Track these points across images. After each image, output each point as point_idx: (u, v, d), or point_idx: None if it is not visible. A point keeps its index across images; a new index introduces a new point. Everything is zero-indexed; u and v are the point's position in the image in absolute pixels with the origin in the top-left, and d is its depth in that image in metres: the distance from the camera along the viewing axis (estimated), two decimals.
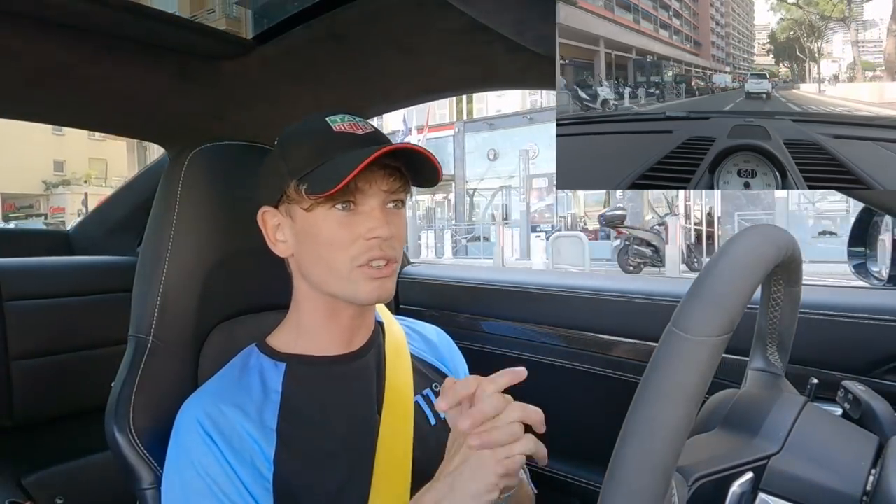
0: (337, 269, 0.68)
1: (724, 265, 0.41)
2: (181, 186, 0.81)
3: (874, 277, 1.03)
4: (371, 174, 0.67)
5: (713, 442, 0.51)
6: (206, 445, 0.65)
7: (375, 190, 0.68)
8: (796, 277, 0.54)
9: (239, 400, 0.68)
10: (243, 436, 0.66)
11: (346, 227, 0.68)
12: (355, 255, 0.68)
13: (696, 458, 0.47)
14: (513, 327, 1.24)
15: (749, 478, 0.46)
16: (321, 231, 0.68)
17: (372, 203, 0.68)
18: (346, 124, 0.70)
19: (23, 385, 1.38)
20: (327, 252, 0.68)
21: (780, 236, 0.46)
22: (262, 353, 0.74)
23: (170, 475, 0.66)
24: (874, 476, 0.44)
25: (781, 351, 0.60)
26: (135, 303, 0.80)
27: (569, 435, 1.18)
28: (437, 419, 0.79)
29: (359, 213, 0.68)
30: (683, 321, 0.38)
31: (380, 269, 0.68)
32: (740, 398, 0.55)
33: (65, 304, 1.48)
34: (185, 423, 0.67)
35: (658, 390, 0.37)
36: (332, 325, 0.74)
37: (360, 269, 0.68)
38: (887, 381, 0.82)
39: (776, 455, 0.47)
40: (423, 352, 0.84)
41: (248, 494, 0.64)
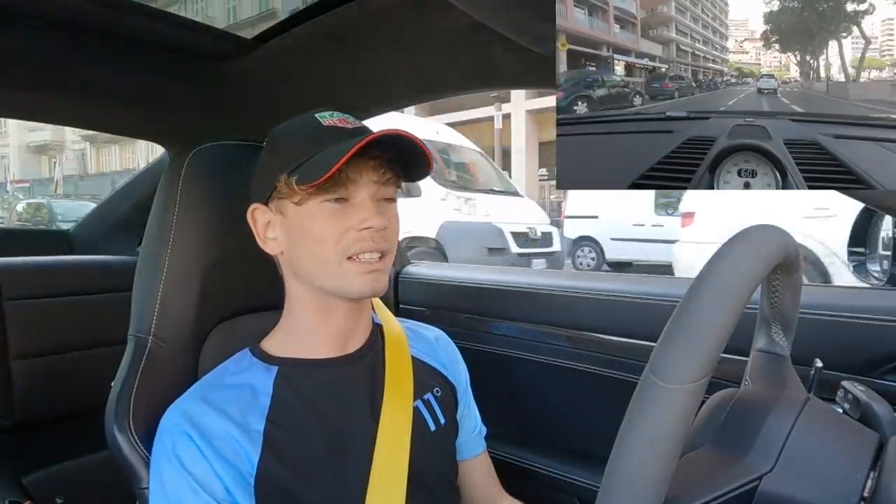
0: (328, 262, 0.68)
1: (701, 301, 0.38)
2: (181, 186, 0.81)
3: (874, 277, 1.03)
4: (361, 165, 0.67)
5: (703, 463, 0.49)
6: (187, 444, 0.65)
7: (366, 181, 0.68)
8: (795, 267, 0.53)
9: (222, 401, 0.68)
10: (224, 436, 0.65)
11: (337, 219, 0.67)
12: (346, 246, 0.67)
13: (686, 485, 0.45)
14: (514, 327, 1.24)
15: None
16: (313, 225, 0.67)
17: (363, 194, 0.68)
18: (336, 119, 0.70)
19: (23, 385, 1.38)
20: (318, 246, 0.68)
21: (767, 243, 0.43)
22: (254, 357, 0.74)
23: (154, 476, 0.66)
24: (872, 480, 0.44)
25: (786, 330, 0.59)
26: (135, 302, 0.80)
27: (568, 435, 1.18)
28: (436, 425, 0.78)
29: (350, 206, 0.68)
30: (660, 368, 0.37)
31: (372, 262, 0.68)
32: (735, 406, 0.53)
33: (65, 303, 1.48)
34: (167, 424, 0.67)
35: (637, 442, 0.36)
36: (326, 324, 0.73)
37: (352, 261, 0.67)
38: (887, 381, 0.82)
39: (768, 474, 0.45)
40: (424, 355, 0.83)
41: (228, 494, 0.64)
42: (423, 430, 0.75)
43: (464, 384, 0.87)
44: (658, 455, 0.36)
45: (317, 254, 0.68)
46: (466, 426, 0.87)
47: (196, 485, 0.63)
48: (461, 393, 0.85)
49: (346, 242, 0.67)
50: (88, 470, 1.41)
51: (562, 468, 1.13)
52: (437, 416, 0.79)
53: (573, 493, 1.11)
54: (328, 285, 0.69)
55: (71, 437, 1.42)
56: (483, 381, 0.93)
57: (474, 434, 0.89)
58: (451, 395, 0.83)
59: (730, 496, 0.45)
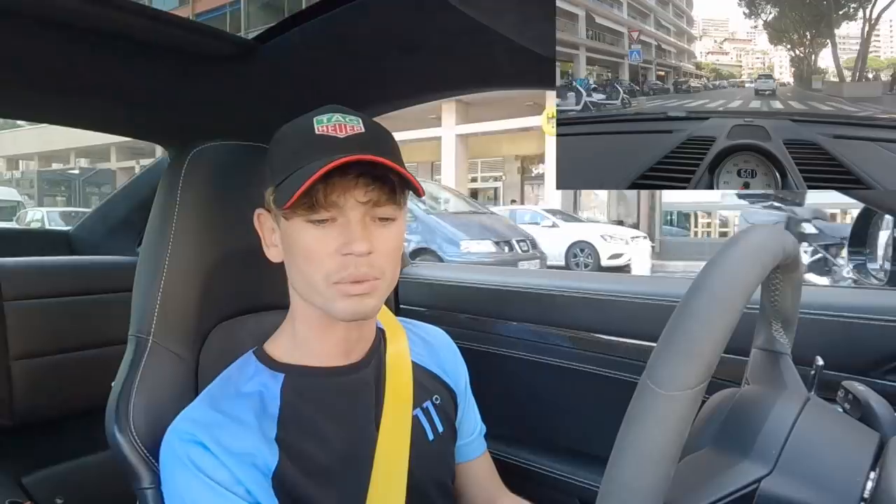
0: (314, 284, 0.64)
1: (699, 306, 0.38)
2: (181, 186, 0.81)
3: (874, 277, 1.03)
4: (347, 183, 0.62)
5: (702, 466, 0.49)
6: (202, 453, 0.63)
7: (352, 203, 0.63)
8: (794, 266, 0.53)
9: (235, 410, 0.66)
10: (243, 444, 0.64)
11: (319, 241, 0.63)
12: (329, 272, 0.63)
13: (684, 489, 0.45)
14: (514, 327, 1.24)
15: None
16: (297, 243, 0.64)
17: (350, 216, 0.63)
18: (332, 125, 0.65)
19: (23, 385, 1.38)
20: (304, 265, 0.64)
21: (764, 246, 0.43)
22: (259, 362, 0.72)
23: (169, 485, 0.65)
24: (873, 480, 0.44)
25: (787, 328, 0.59)
26: (135, 303, 0.80)
27: (568, 435, 1.18)
28: (435, 434, 0.78)
29: (335, 227, 0.63)
30: (657, 374, 0.37)
31: (356, 286, 0.64)
32: (735, 406, 0.53)
33: (65, 304, 1.48)
34: (178, 435, 0.65)
35: (634, 450, 0.36)
36: (327, 336, 0.71)
37: (336, 285, 0.64)
38: (887, 381, 0.82)
39: (768, 477, 0.45)
40: (424, 359, 0.82)
41: (249, 494, 0.63)
42: (421, 440, 0.75)
43: (463, 387, 0.86)
44: (655, 461, 0.36)
45: (304, 273, 0.65)
46: (466, 429, 0.87)
47: (218, 486, 0.62)
48: (460, 397, 0.85)
49: (329, 267, 0.63)
50: (88, 470, 1.41)
51: (562, 468, 1.13)
52: (435, 424, 0.78)
53: (573, 493, 1.11)
54: (317, 303, 0.67)
55: (71, 437, 1.42)
56: (483, 381, 0.93)
57: (475, 436, 0.89)
58: (450, 401, 0.83)
59: (729, 500, 0.45)
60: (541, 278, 1.29)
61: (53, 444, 1.42)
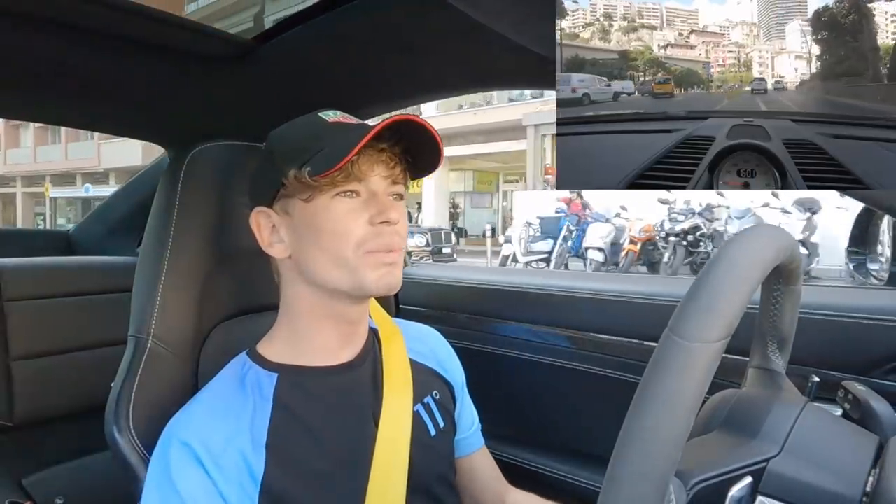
0: (343, 258, 0.65)
1: (722, 268, 0.40)
2: (181, 186, 0.81)
3: (874, 277, 1.03)
4: (372, 158, 0.66)
5: (712, 444, 0.51)
6: (192, 467, 0.62)
7: (378, 175, 0.67)
8: (796, 276, 0.54)
9: (231, 415, 0.66)
10: (233, 453, 0.64)
11: (351, 212, 0.66)
12: (362, 240, 0.65)
13: (695, 461, 0.47)
14: (513, 328, 1.24)
15: (748, 482, 0.46)
16: (325, 220, 0.65)
17: (374, 188, 0.67)
18: (340, 117, 0.70)
19: (23, 385, 1.38)
20: (331, 242, 0.65)
21: (779, 237, 0.45)
22: (253, 363, 0.72)
23: (149, 490, 0.64)
24: (874, 477, 0.44)
25: (782, 349, 0.60)
26: (135, 303, 0.80)
27: (568, 435, 1.18)
28: (436, 429, 0.77)
29: (363, 200, 0.67)
30: (680, 326, 0.38)
31: (389, 256, 0.67)
32: (740, 399, 0.55)
33: (65, 304, 1.48)
34: (170, 440, 0.65)
35: (655, 397, 0.37)
36: (328, 330, 0.71)
37: (369, 255, 0.65)
38: (887, 381, 0.82)
39: (775, 458, 0.47)
40: (420, 355, 0.82)
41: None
42: (423, 435, 0.75)
43: (460, 382, 0.87)
44: (676, 407, 0.36)
45: (331, 250, 0.66)
46: (465, 423, 0.87)
47: (198, 495, 0.61)
48: (458, 391, 0.85)
49: (362, 237, 0.65)
50: (88, 470, 1.41)
51: (562, 468, 1.13)
52: (436, 419, 0.78)
53: (573, 493, 1.11)
54: (343, 284, 0.67)
55: (71, 437, 1.42)
56: (483, 381, 0.93)
57: (472, 430, 0.89)
58: (449, 395, 0.83)
59: (739, 473, 0.47)
60: (540, 278, 1.30)
61: (53, 444, 1.42)
